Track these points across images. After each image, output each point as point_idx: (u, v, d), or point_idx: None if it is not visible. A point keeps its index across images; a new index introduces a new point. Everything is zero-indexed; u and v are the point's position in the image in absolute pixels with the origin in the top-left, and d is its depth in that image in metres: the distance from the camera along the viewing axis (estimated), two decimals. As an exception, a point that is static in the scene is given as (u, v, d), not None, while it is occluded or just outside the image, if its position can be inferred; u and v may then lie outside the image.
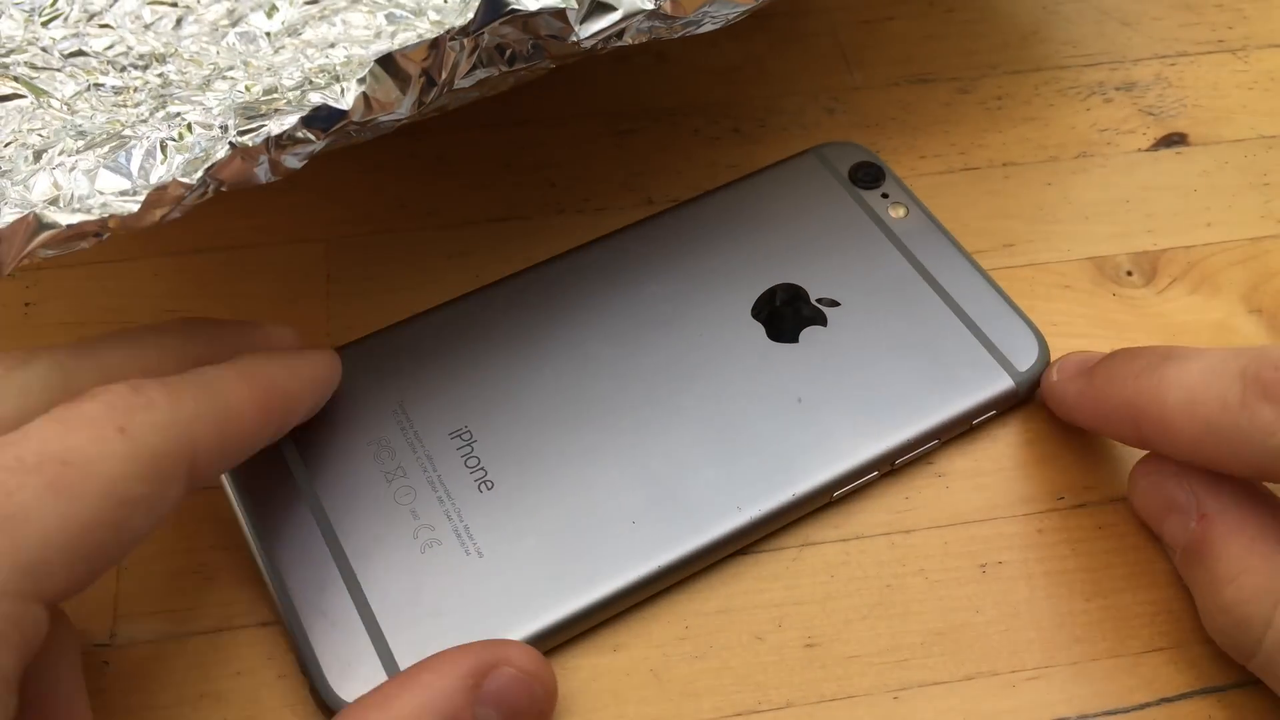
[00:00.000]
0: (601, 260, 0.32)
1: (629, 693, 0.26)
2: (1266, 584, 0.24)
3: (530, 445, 0.28)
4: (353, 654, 0.25)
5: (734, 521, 0.27)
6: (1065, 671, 0.27)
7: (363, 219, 0.34)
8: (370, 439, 0.29)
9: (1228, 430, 0.24)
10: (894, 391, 0.29)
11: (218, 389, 0.23)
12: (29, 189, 0.25)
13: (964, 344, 0.30)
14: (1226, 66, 0.38)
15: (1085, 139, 0.36)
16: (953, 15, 0.39)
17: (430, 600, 0.26)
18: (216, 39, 0.30)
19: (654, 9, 0.27)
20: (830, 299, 0.31)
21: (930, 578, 0.28)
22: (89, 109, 0.28)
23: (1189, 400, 0.24)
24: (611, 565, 0.27)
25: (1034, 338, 0.30)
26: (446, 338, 0.30)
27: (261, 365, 0.25)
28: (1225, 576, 0.25)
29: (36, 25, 0.31)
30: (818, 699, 0.26)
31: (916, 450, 0.29)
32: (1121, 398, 0.26)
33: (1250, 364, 0.24)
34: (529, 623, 0.26)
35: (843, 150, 0.34)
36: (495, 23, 0.25)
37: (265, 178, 0.25)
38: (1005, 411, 0.30)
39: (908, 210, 0.33)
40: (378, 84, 0.24)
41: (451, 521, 0.27)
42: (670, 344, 0.30)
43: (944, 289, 0.31)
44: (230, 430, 0.23)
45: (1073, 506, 0.29)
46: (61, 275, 0.33)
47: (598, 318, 0.31)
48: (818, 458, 0.28)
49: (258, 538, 0.27)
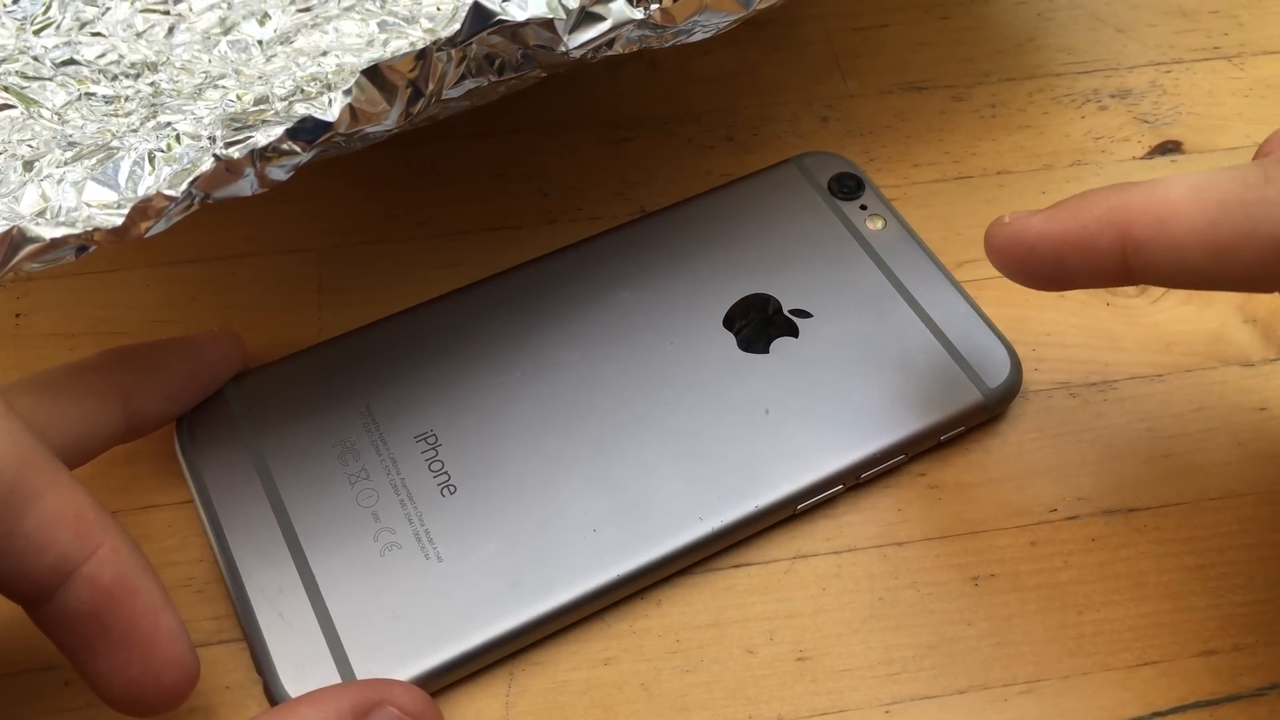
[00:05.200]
0: (574, 266, 0.32)
1: (620, 706, 0.26)
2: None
3: (495, 450, 0.28)
4: (307, 655, 0.25)
5: (695, 532, 0.27)
6: (1057, 685, 0.27)
7: (354, 229, 0.34)
8: (336, 440, 0.29)
9: (1251, 206, 0.22)
10: (862, 405, 0.29)
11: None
12: (17, 200, 0.25)
13: (935, 358, 0.30)
14: (1222, 74, 0.38)
15: (1080, 147, 0.36)
16: (947, 23, 0.39)
17: (388, 604, 0.26)
18: (209, 47, 0.30)
19: (643, 18, 0.27)
20: (802, 310, 0.31)
21: (922, 590, 0.28)
22: (80, 119, 0.28)
23: (1197, 188, 0.22)
24: (570, 573, 0.27)
25: (1006, 354, 0.30)
26: (416, 340, 0.30)
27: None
28: None
29: (28, 34, 0.30)
30: (809, 713, 0.26)
31: (883, 464, 0.29)
32: (1105, 205, 0.24)
33: (1266, 161, 0.22)
34: (486, 629, 0.26)
35: (823, 160, 0.34)
36: (483, 33, 0.25)
37: (252, 190, 0.25)
38: (975, 428, 0.30)
39: (885, 222, 0.33)
40: (364, 95, 0.24)
41: (413, 525, 0.27)
42: (640, 352, 0.30)
43: (918, 302, 0.31)
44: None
45: (1065, 519, 0.29)
46: (52, 286, 0.33)
47: (568, 323, 0.31)
48: (782, 469, 0.28)
49: (217, 538, 0.27)
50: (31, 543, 0.22)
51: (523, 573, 0.27)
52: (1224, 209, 0.22)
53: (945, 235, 0.33)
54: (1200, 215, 0.22)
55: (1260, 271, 0.22)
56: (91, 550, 0.22)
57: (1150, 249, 0.23)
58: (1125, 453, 0.30)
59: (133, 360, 0.27)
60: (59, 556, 0.22)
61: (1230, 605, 0.28)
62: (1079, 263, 0.24)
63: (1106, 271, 0.24)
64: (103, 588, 0.22)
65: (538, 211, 0.34)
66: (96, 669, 0.23)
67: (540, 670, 0.27)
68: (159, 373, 0.28)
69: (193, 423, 0.29)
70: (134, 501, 0.29)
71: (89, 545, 0.22)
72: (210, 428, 0.29)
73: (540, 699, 0.26)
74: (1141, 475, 0.30)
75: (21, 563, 0.22)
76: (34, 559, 0.22)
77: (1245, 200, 0.22)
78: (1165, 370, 0.31)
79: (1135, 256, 0.23)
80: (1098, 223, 0.24)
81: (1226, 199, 0.22)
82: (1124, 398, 0.31)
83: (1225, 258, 0.22)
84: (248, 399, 0.29)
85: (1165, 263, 0.23)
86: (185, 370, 0.28)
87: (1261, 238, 0.22)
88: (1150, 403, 0.31)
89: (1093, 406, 0.31)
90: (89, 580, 0.22)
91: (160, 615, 0.23)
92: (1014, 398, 0.30)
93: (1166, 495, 0.29)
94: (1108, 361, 0.31)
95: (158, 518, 0.29)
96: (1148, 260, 0.23)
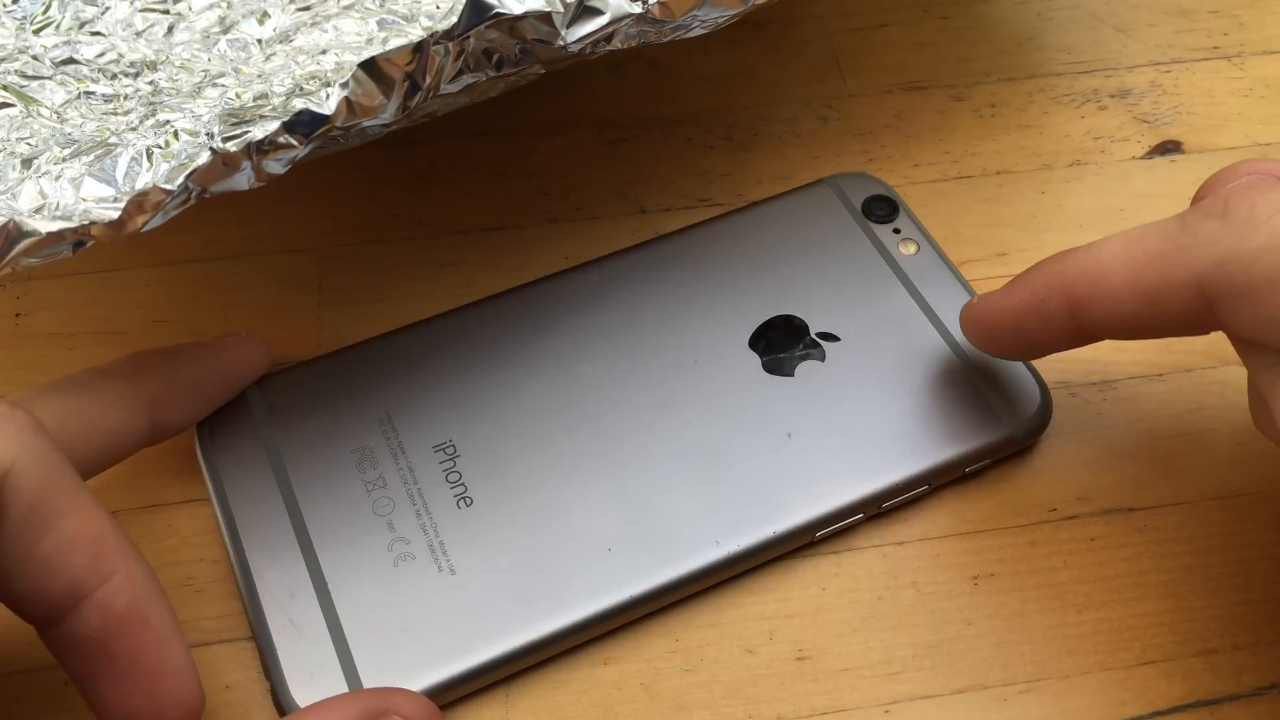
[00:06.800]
0: (601, 280, 0.31)
1: (619, 706, 0.26)
2: None
3: (513, 463, 0.28)
4: (316, 663, 0.25)
5: (711, 555, 0.27)
6: (1057, 684, 0.26)
7: (354, 228, 0.34)
8: (355, 447, 0.28)
9: (1170, 253, 0.23)
10: (887, 433, 0.29)
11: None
12: (15, 197, 0.25)
13: (964, 388, 0.29)
14: (1222, 74, 0.38)
15: (1079, 147, 0.36)
16: (947, 22, 0.39)
17: (399, 615, 0.26)
18: (208, 46, 0.30)
19: (642, 13, 0.27)
20: (830, 333, 0.30)
21: (922, 590, 0.28)
22: (79, 117, 0.28)
23: (1125, 244, 0.24)
24: (583, 592, 0.26)
25: (1037, 386, 0.30)
26: (439, 349, 0.30)
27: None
28: None
29: (28, 33, 0.30)
30: (809, 712, 0.26)
31: (906, 494, 0.28)
32: (1050, 272, 0.25)
33: (1187, 211, 0.23)
34: (495, 645, 0.26)
35: (857, 181, 0.33)
36: (480, 26, 0.25)
37: (249, 184, 0.24)
38: (1000, 461, 0.29)
39: (919, 247, 0.32)
40: (361, 89, 0.24)
41: (427, 536, 0.27)
42: (663, 369, 0.30)
43: (948, 330, 0.30)
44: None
45: (1065, 518, 0.29)
46: (51, 285, 0.33)
47: (592, 338, 0.30)
48: (802, 496, 0.28)
49: (232, 540, 0.27)
50: (47, 565, 0.22)
51: (535, 589, 0.26)
52: (1148, 260, 0.23)
53: (945, 235, 0.33)
54: (1129, 269, 0.24)
55: (1191, 314, 0.23)
56: (106, 576, 0.22)
57: (1090, 306, 0.25)
58: (1125, 452, 0.30)
59: (160, 368, 0.27)
60: (73, 581, 0.22)
61: (1230, 605, 0.28)
62: (1037, 328, 0.26)
63: (1061, 332, 0.26)
64: (114, 616, 0.22)
65: (537, 211, 0.34)
66: (100, 696, 0.23)
67: (540, 669, 0.27)
68: (186, 381, 0.27)
69: (214, 424, 0.28)
70: (140, 500, 0.29)
71: (104, 571, 0.22)
72: (231, 430, 0.28)
73: (540, 698, 0.26)
74: (1141, 475, 0.30)
75: (35, 584, 0.22)
76: (48, 582, 0.22)
77: (1165, 250, 0.23)
78: (1165, 370, 0.31)
79: (1081, 315, 0.25)
80: (1044, 289, 0.25)
81: (1150, 250, 0.23)
82: (1124, 397, 0.31)
83: (1156, 305, 0.24)
84: (269, 402, 0.29)
85: (1106, 316, 0.25)
86: (211, 378, 0.28)
87: (1180, 284, 0.23)
88: (1150, 402, 0.31)
89: (1093, 406, 0.31)
90: (101, 607, 0.22)
91: (169, 648, 0.23)
92: (1043, 431, 0.30)
93: (1166, 495, 0.29)
94: (1108, 361, 0.31)
95: (163, 516, 0.29)
96: (1091, 317, 0.25)
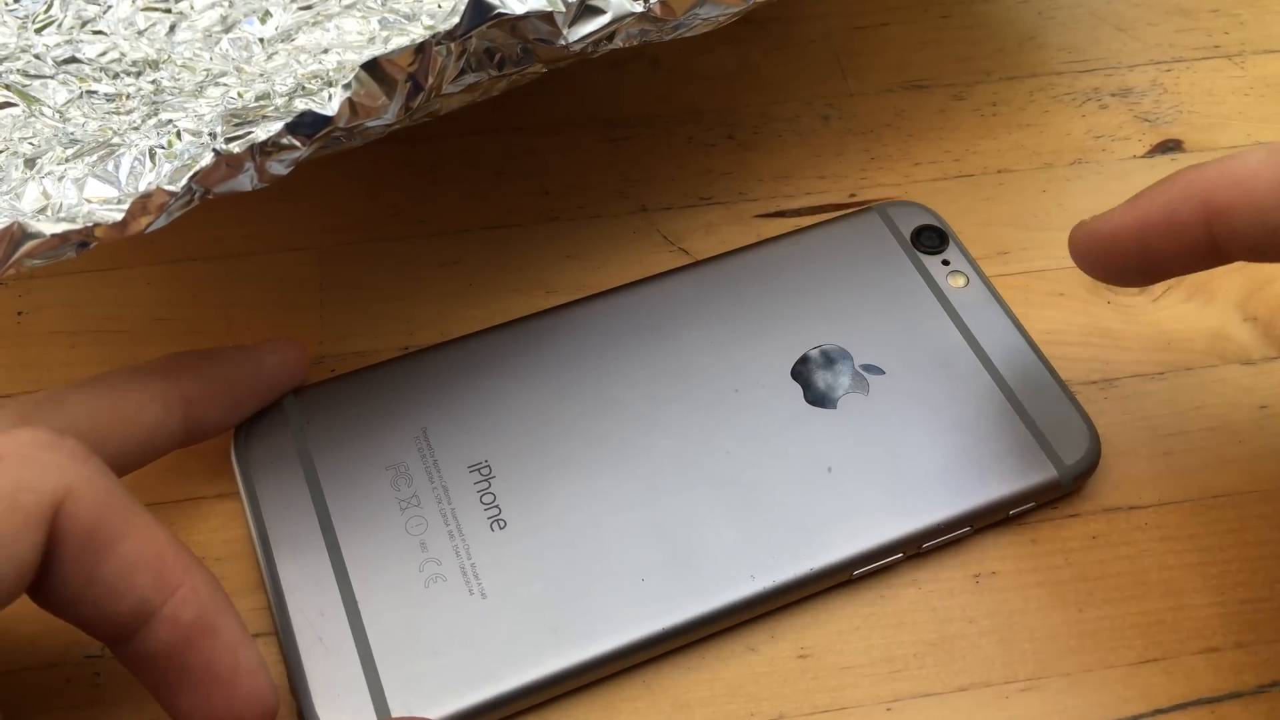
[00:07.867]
0: (642, 305, 0.31)
1: (622, 704, 0.26)
2: None
3: (548, 486, 0.28)
4: (343, 683, 0.25)
5: (745, 590, 0.26)
6: (1059, 682, 0.27)
7: (356, 227, 0.34)
8: (390, 463, 0.28)
9: None
10: (930, 471, 0.28)
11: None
12: (18, 198, 0.25)
13: (1010, 428, 0.29)
14: (1223, 73, 0.38)
15: (1080, 145, 0.36)
16: (948, 21, 0.39)
17: (428, 637, 0.26)
18: (210, 45, 0.30)
19: (643, 11, 0.27)
20: (875, 366, 0.30)
21: (923, 588, 0.28)
22: (81, 117, 0.28)
23: (1274, 149, 0.22)
24: (615, 622, 0.26)
25: (1086, 429, 0.29)
26: (476, 368, 0.29)
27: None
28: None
29: (30, 32, 0.30)
30: (810, 710, 0.26)
31: (947, 535, 0.28)
32: (1184, 181, 0.24)
33: None
34: (523, 673, 0.25)
35: (907, 211, 0.33)
36: (482, 26, 0.25)
37: (252, 184, 0.24)
38: (1045, 504, 0.29)
39: (968, 280, 0.31)
40: (363, 89, 0.24)
41: (459, 558, 0.27)
42: (703, 396, 0.29)
43: (996, 367, 0.30)
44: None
45: (1067, 516, 0.29)
46: (54, 284, 0.33)
47: (632, 364, 0.30)
48: (841, 532, 0.27)
49: (265, 553, 0.27)
50: (112, 588, 0.22)
51: (566, 618, 0.26)
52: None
53: (946, 233, 0.33)
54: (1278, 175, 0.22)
55: None
56: (171, 591, 0.22)
57: (1230, 215, 0.23)
58: (1126, 451, 0.30)
59: (196, 369, 0.27)
60: (139, 600, 0.22)
61: (1232, 603, 0.28)
62: (1164, 244, 0.24)
63: (1192, 246, 0.24)
64: (182, 629, 0.22)
65: (539, 209, 0.34)
66: (178, 706, 0.23)
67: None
68: (221, 383, 0.27)
69: (250, 432, 0.28)
70: (146, 497, 0.29)
71: (169, 587, 0.22)
72: (267, 439, 0.28)
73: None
74: (1142, 473, 0.30)
75: (102, 607, 0.22)
76: (114, 604, 0.22)
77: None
78: (1166, 368, 0.31)
79: (1219, 225, 0.23)
80: (1177, 198, 0.24)
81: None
82: (1125, 395, 0.31)
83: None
84: (306, 413, 0.29)
85: (1249, 228, 0.23)
86: (247, 382, 0.28)
87: None
88: (1151, 401, 0.31)
89: (1094, 404, 0.31)
90: (169, 621, 0.22)
91: (240, 652, 0.23)
92: (1091, 474, 0.29)
93: (1168, 493, 0.29)
94: (1109, 360, 0.31)
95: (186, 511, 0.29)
96: (1232, 227, 0.23)
